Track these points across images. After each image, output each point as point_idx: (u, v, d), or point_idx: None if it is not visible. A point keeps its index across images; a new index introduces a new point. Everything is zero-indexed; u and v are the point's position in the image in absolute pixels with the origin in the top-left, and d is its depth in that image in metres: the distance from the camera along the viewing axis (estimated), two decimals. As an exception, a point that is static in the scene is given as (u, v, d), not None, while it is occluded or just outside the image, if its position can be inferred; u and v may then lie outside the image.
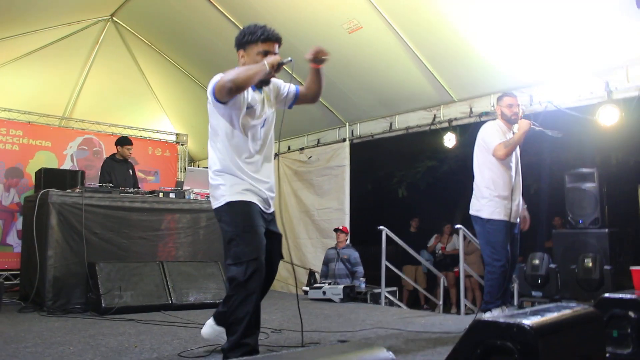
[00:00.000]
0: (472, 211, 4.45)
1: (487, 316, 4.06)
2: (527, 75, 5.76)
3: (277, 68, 2.91)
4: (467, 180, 4.66)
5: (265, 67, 2.84)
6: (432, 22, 5.62)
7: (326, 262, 7.45)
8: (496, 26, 5.35)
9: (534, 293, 5.44)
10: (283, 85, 3.32)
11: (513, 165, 4.41)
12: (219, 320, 3.22)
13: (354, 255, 7.27)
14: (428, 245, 10.41)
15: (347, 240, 7.45)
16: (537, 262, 5.51)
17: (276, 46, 3.05)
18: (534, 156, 10.95)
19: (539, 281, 5.44)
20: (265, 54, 2.98)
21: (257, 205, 3.03)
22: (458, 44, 5.71)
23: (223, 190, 3.06)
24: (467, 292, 8.97)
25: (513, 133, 4.41)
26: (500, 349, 1.76)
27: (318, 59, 3.05)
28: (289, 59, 2.98)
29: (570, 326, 1.95)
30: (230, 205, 2.99)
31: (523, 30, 5.26)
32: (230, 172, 3.08)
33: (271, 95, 3.25)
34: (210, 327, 3.25)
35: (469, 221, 4.65)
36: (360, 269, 7.19)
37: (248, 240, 2.90)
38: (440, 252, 10.10)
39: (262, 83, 3.08)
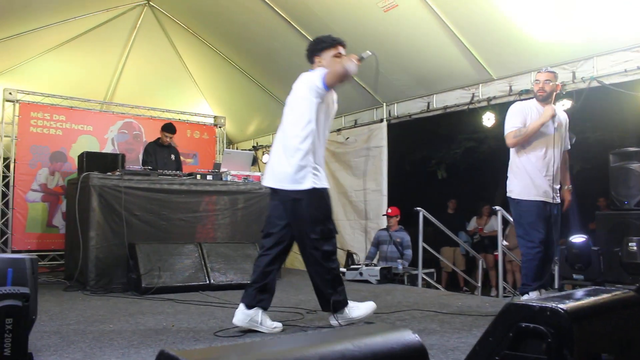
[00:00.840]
0: (507, 192, 4.40)
1: (523, 299, 4.01)
2: (569, 50, 5.56)
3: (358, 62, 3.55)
4: (507, 160, 4.58)
5: (355, 64, 3.47)
6: (469, -3, 5.48)
7: (376, 244, 7.43)
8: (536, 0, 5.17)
9: (575, 276, 5.29)
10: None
11: (552, 142, 4.26)
12: (249, 305, 3.52)
13: (407, 238, 7.24)
14: (468, 228, 10.26)
15: (398, 222, 7.40)
16: (578, 244, 5.36)
17: (342, 48, 3.73)
18: (577, 135, 10.65)
19: (581, 264, 5.29)
20: (339, 55, 3.67)
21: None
22: (497, 19, 5.55)
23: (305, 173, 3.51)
24: (508, 275, 8.83)
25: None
26: (533, 332, 1.71)
27: None
28: (369, 52, 3.66)
29: (608, 311, 1.88)
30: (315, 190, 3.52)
31: (565, 2, 5.06)
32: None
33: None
34: (242, 314, 3.52)
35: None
36: (408, 253, 7.15)
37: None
38: (477, 233, 9.95)
39: None
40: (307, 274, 3.84)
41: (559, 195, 4.39)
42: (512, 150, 4.40)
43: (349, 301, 3.73)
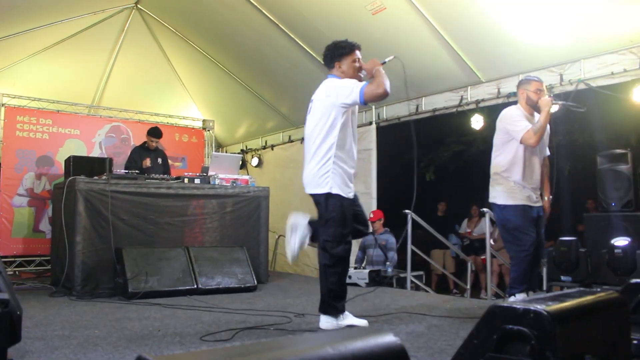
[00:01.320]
0: (490, 198, 4.36)
1: (510, 300, 4.01)
2: (556, 53, 5.58)
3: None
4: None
5: (382, 71, 3.70)
6: (457, 0, 5.49)
7: (363, 248, 7.40)
8: (523, 2, 5.18)
9: (563, 278, 5.31)
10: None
11: (536, 148, 4.23)
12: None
13: (391, 240, 7.20)
14: (459, 231, 10.22)
15: (382, 225, 7.37)
16: (566, 246, 5.37)
17: (359, 52, 3.92)
18: (565, 137, 10.69)
19: (569, 266, 5.31)
20: (356, 60, 3.88)
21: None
22: (484, 22, 5.56)
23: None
24: (498, 277, 8.85)
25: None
26: (517, 334, 1.70)
27: None
28: (391, 57, 3.98)
29: (592, 312, 1.87)
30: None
31: (552, 5, 5.08)
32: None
33: None
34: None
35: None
36: (391, 255, 7.11)
37: None
38: (467, 237, 9.95)
39: None
40: (297, 278, 3.90)
41: (540, 200, 4.37)
42: (495, 157, 4.33)
43: (346, 312, 3.76)
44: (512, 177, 4.20)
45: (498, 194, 4.26)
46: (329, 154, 3.68)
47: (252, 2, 6.68)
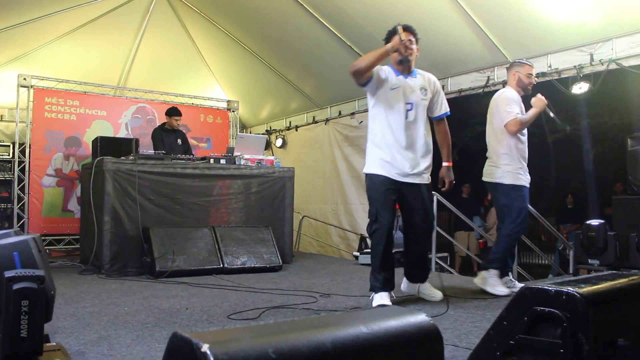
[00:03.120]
0: (490, 178, 4.41)
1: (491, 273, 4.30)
2: (587, 32, 5.44)
3: (406, 47, 3.78)
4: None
5: (387, 47, 3.72)
6: (486, -22, 5.39)
7: None
8: (554, -19, 5.07)
9: (590, 261, 5.25)
10: (441, 96, 4.16)
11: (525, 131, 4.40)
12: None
13: None
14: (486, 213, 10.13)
15: None
16: (594, 229, 5.30)
17: (407, 34, 3.84)
18: (594, 119, 10.50)
19: (596, 249, 5.24)
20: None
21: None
22: (512, 1, 5.45)
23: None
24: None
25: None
26: (548, 317, 1.69)
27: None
28: (398, 26, 3.84)
29: (625, 296, 1.85)
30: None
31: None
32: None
33: (427, 89, 4.03)
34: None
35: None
36: None
37: None
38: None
39: (401, 62, 3.88)
40: (322, 258, 3.94)
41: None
42: (498, 138, 4.40)
43: (383, 293, 3.84)
44: (516, 158, 4.31)
45: (504, 175, 4.31)
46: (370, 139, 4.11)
47: (276, -18, 6.65)
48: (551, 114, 4.42)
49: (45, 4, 7.31)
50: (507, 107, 4.29)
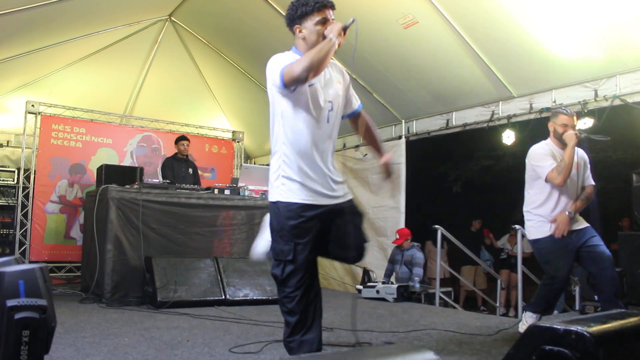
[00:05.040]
0: (527, 235, 4.29)
1: (527, 316, 4.11)
2: (591, 68, 5.50)
3: (344, 34, 2.73)
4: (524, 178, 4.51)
5: (334, 42, 2.65)
6: (490, 14, 5.46)
7: (392, 261, 7.34)
8: (558, 17, 5.12)
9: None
10: (352, 90, 3.17)
11: (569, 183, 4.09)
12: None
13: (417, 255, 7.09)
14: (499, 245, 9.99)
15: (409, 241, 7.26)
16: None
17: (331, 12, 2.85)
18: (598, 154, 10.50)
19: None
20: (324, 21, 2.80)
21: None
22: (517, 36, 5.51)
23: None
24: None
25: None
26: (557, 356, 1.66)
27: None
28: (351, 20, 2.78)
29: (635, 335, 1.82)
30: (285, 204, 2.84)
31: (587, 20, 5.01)
32: None
33: (341, 81, 3.04)
34: None
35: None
36: (417, 270, 7.00)
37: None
38: (505, 250, 9.71)
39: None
40: (325, 292, 3.74)
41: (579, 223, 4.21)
42: (530, 191, 4.22)
43: None
44: (543, 214, 4.11)
45: (530, 231, 4.19)
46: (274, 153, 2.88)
47: (284, 14, 6.73)
48: (583, 135, 4.17)
49: (55, 32, 7.42)
50: (537, 163, 4.11)
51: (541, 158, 4.12)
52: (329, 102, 2.88)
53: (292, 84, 2.66)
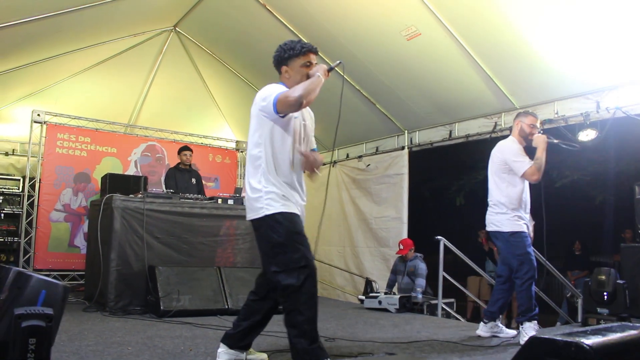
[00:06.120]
0: (492, 227, 4.51)
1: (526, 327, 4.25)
2: (593, 79, 5.54)
3: (328, 74, 3.12)
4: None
5: (322, 79, 3.01)
6: (492, 26, 5.50)
7: (394, 272, 7.34)
8: (560, 28, 5.16)
9: (599, 310, 5.18)
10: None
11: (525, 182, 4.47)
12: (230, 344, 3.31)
13: (420, 266, 7.07)
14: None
15: (413, 251, 7.23)
16: (603, 277, 5.24)
17: (314, 56, 3.21)
18: (599, 165, 10.51)
19: (605, 297, 5.18)
20: (308, 64, 3.15)
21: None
22: (520, 48, 5.55)
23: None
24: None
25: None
26: (557, 368, 1.68)
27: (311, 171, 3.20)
28: (338, 62, 3.23)
29: (635, 348, 1.83)
30: (281, 215, 3.02)
31: (589, 31, 5.05)
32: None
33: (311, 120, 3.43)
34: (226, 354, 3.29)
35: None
36: (419, 281, 6.98)
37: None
38: None
39: None
40: (327, 302, 3.76)
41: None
42: (498, 187, 4.48)
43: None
44: (515, 206, 4.39)
45: (503, 222, 4.41)
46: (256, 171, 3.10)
47: (288, 26, 6.80)
48: (555, 141, 4.52)
49: (60, 43, 7.49)
50: (514, 158, 4.39)
51: (518, 154, 4.42)
52: (305, 133, 3.25)
53: (286, 110, 2.97)
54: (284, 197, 3.03)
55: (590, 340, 1.65)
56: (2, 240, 7.81)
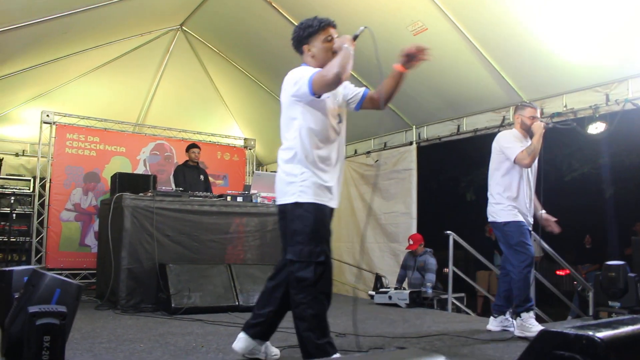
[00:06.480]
0: (490, 217, 4.56)
1: (523, 318, 4.22)
2: (602, 72, 5.50)
3: (354, 42, 2.97)
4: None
5: (350, 50, 2.86)
6: (499, 19, 5.48)
7: (404, 267, 7.34)
8: (568, 20, 5.13)
9: (611, 303, 5.15)
10: (347, 86, 3.30)
11: (531, 169, 4.48)
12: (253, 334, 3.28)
13: (430, 261, 7.08)
14: None
15: (422, 246, 7.24)
16: (614, 270, 5.23)
17: (334, 30, 3.12)
18: (609, 158, 10.45)
19: (617, 291, 5.15)
20: (330, 39, 3.08)
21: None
22: (527, 41, 5.53)
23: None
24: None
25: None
26: (568, 361, 1.67)
27: (415, 58, 3.10)
28: (362, 27, 3.05)
29: (648, 340, 1.82)
30: (313, 205, 2.95)
31: (597, 23, 5.02)
32: None
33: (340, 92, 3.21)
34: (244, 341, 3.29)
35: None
36: (429, 276, 6.99)
37: None
38: None
39: None
40: (337, 298, 3.77)
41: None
42: (494, 177, 4.55)
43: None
44: (511, 199, 4.40)
45: (497, 212, 4.44)
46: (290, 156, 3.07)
47: (294, 23, 6.79)
48: (550, 125, 4.57)
49: (68, 44, 7.54)
50: (506, 145, 4.42)
51: (511, 140, 4.44)
52: (339, 115, 3.13)
53: (323, 90, 2.86)
54: (319, 187, 2.95)
55: (601, 334, 1.64)
56: (14, 240, 7.87)
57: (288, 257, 2.97)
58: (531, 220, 4.51)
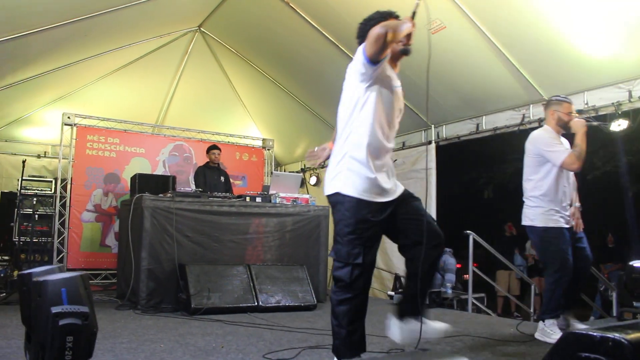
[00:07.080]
0: (526, 221, 4.26)
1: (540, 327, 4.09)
2: (625, 68, 5.39)
3: (412, 20, 2.92)
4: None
5: (405, 25, 2.82)
6: (518, 16, 5.41)
7: None
8: (589, 15, 5.03)
9: (635, 304, 5.07)
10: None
11: (564, 171, 4.17)
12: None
13: (449, 261, 7.05)
14: (525, 252, 9.91)
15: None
16: (638, 270, 5.14)
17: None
18: (632, 156, 10.29)
19: (641, 291, 5.08)
20: None
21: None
22: (547, 38, 5.45)
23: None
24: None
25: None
26: (594, 363, 1.64)
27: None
28: (417, 2, 2.99)
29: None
30: (360, 201, 2.82)
31: (619, 18, 4.92)
32: None
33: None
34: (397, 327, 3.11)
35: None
36: (449, 277, 6.95)
37: None
38: (533, 257, 9.62)
39: (405, 52, 3.07)
40: None
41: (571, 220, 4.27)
42: (531, 180, 4.27)
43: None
44: (548, 199, 4.13)
45: (536, 217, 4.17)
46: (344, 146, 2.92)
47: (312, 24, 6.80)
48: (594, 123, 4.33)
49: (89, 46, 7.61)
50: (548, 149, 4.13)
51: (552, 143, 4.15)
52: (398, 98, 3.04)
53: (374, 50, 2.68)
54: (367, 180, 2.81)
55: (629, 336, 1.61)
56: (37, 240, 7.98)
57: (330, 253, 2.95)
58: (570, 220, 4.24)
